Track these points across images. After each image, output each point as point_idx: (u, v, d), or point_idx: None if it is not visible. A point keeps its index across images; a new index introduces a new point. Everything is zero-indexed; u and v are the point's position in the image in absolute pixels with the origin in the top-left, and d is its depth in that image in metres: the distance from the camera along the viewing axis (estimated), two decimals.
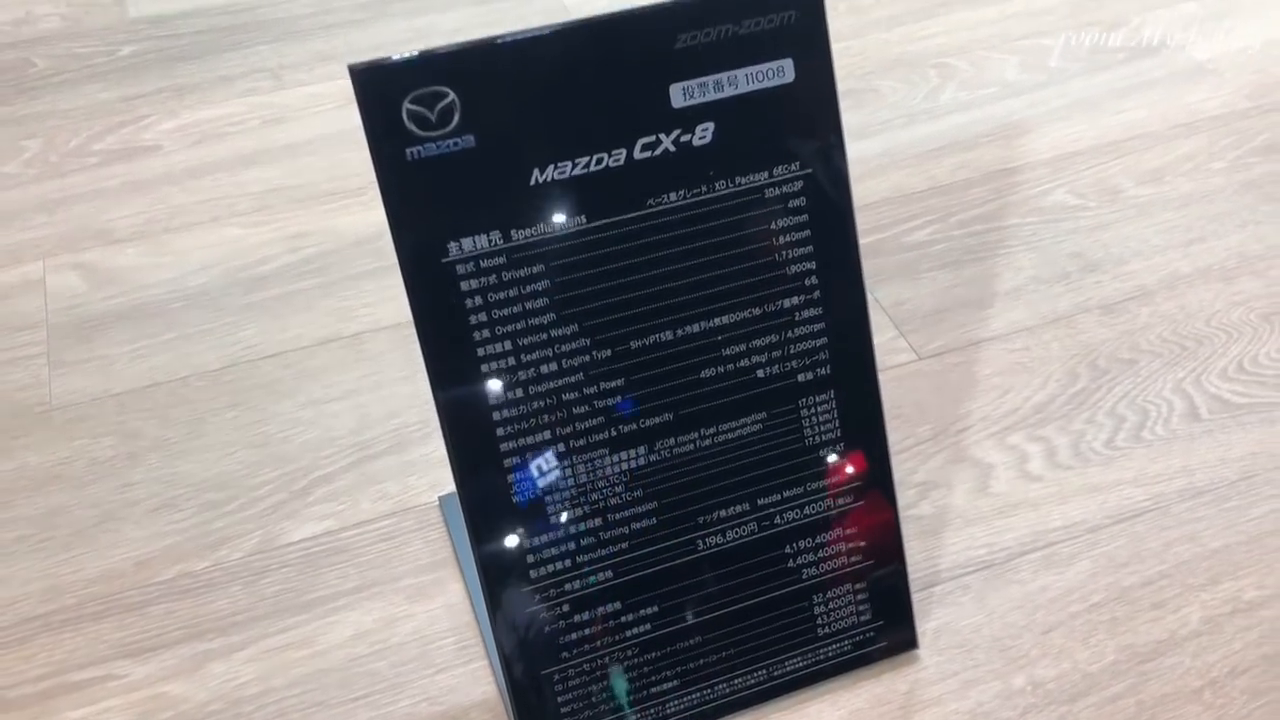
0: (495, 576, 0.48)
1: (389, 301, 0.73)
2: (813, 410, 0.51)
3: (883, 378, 0.61)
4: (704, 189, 0.47)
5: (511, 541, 0.48)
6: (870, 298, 0.72)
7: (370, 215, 0.79)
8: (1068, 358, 0.68)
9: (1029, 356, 0.69)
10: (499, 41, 0.44)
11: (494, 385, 0.47)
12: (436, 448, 0.64)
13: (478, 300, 0.46)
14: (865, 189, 0.81)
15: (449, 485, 0.61)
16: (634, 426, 0.49)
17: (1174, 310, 0.71)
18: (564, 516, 0.49)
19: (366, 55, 0.94)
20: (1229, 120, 0.85)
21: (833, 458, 0.51)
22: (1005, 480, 0.62)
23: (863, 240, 0.77)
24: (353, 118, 0.88)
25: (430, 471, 0.64)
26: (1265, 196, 0.79)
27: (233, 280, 0.75)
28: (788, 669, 0.53)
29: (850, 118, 0.87)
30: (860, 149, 0.84)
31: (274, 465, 0.64)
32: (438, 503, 0.62)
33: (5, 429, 0.66)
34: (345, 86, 0.91)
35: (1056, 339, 0.70)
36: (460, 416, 0.47)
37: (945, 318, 0.71)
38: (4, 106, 0.90)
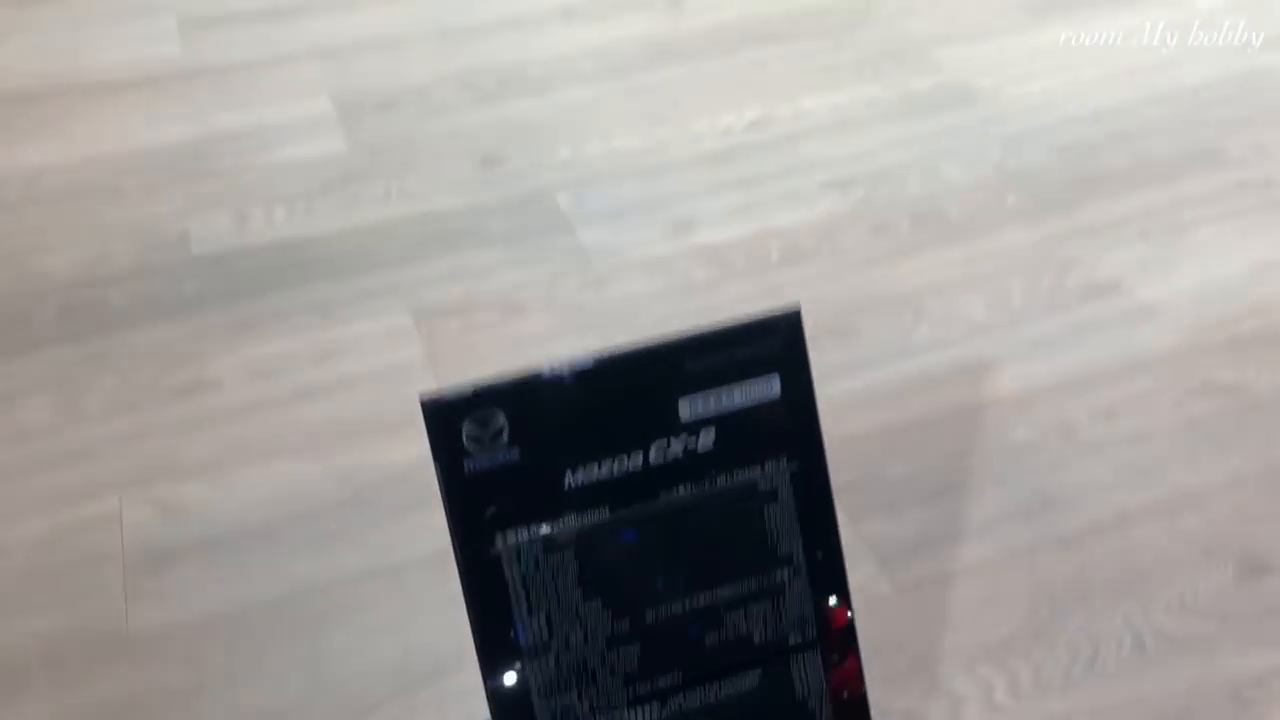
0: None
1: (426, 535, 0.82)
2: (801, 667, 0.59)
3: (865, 612, 0.69)
4: (707, 483, 0.57)
5: None
6: (856, 534, 0.82)
7: (409, 450, 0.89)
8: (1029, 592, 0.77)
9: (995, 591, 0.77)
10: (541, 376, 0.54)
11: (530, 653, 0.56)
12: (470, 676, 0.72)
13: (518, 583, 0.55)
14: (851, 426, 0.91)
15: (481, 711, 0.69)
16: (648, 686, 0.57)
17: (1123, 546, 0.80)
18: None
19: (407, 292, 1.06)
20: (1172, 360, 0.96)
21: (820, 707, 0.60)
22: (974, 710, 0.70)
23: (848, 475, 0.87)
24: (393, 354, 1.00)
25: (465, 699, 0.72)
26: (1205, 436, 0.89)
27: (287, 514, 0.85)
28: None
29: (835, 356, 0.98)
30: (845, 387, 0.94)
31: (326, 694, 0.72)
32: None
33: (88, 657, 0.75)
34: (388, 324, 1.04)
35: (1019, 573, 0.79)
36: (500, 678, 0.56)
37: (921, 551, 0.80)
38: (84, 344, 1.01)
